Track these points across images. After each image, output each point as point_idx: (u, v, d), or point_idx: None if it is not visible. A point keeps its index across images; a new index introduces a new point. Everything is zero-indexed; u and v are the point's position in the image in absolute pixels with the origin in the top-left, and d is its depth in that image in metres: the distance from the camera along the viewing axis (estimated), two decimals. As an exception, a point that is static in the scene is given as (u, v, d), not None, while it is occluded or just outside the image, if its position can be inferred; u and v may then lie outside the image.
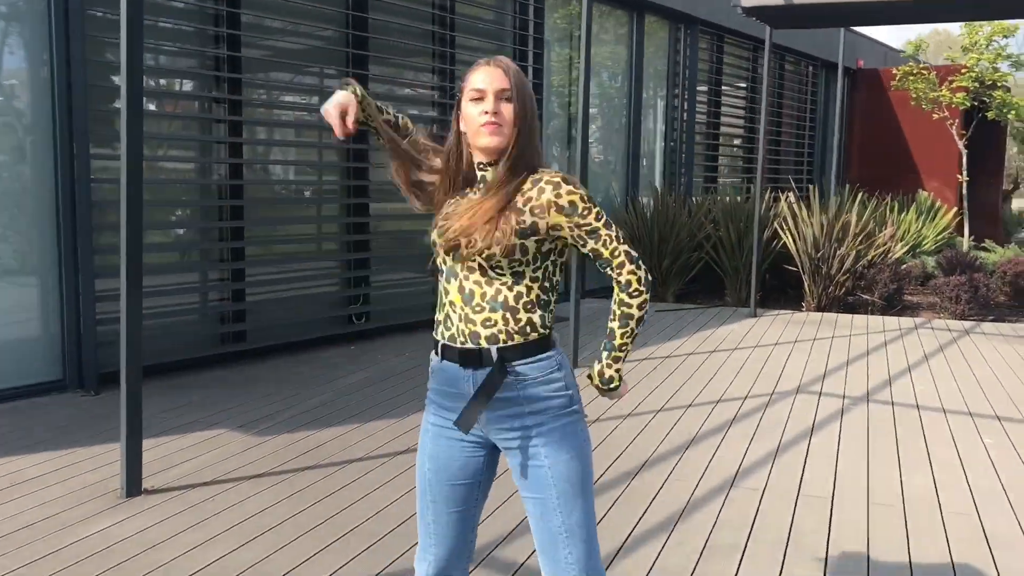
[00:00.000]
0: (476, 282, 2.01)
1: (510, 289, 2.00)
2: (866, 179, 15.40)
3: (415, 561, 2.24)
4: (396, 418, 5.19)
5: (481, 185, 2.07)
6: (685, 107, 11.82)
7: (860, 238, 9.66)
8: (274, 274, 6.93)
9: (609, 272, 2.05)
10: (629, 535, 3.59)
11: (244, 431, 4.90)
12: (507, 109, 2.00)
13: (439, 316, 2.09)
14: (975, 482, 4.27)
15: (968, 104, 12.04)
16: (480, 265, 1.99)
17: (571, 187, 2.00)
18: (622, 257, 2.03)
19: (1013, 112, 11.47)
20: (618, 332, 2.06)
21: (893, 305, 9.73)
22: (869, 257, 9.74)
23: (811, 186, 11.02)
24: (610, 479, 4.23)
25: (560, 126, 10.05)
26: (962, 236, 13.07)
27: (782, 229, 10.07)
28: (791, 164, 15.29)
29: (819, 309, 9.67)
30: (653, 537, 3.57)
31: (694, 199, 11.18)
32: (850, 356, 7.22)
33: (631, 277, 2.04)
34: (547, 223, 2.00)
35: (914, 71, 12.22)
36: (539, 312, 2.03)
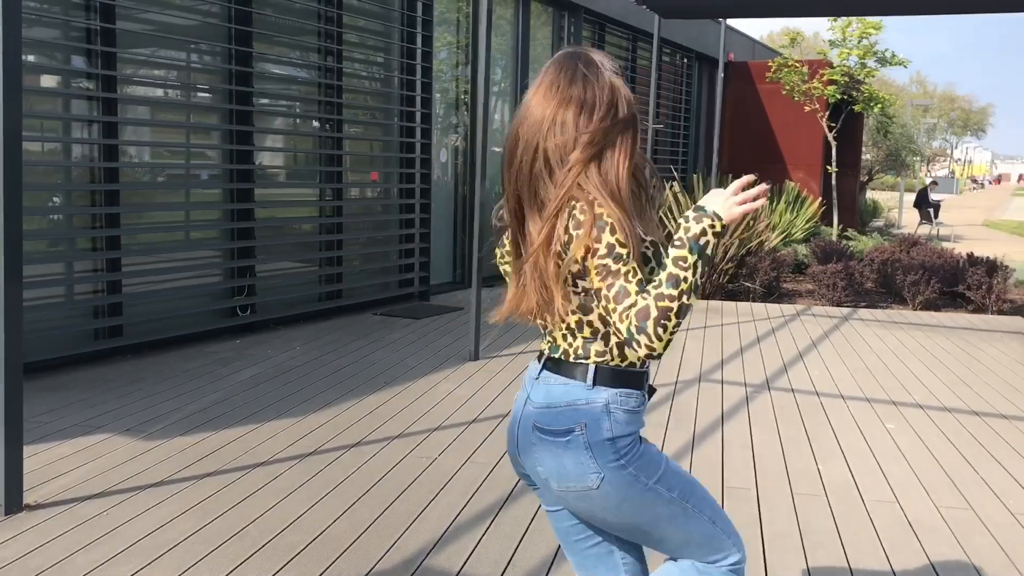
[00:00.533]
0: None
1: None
2: (736, 169, 15.83)
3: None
4: (296, 417, 4.90)
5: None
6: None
7: (742, 227, 9.88)
8: (153, 264, 6.45)
9: None
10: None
11: (132, 435, 4.50)
12: None
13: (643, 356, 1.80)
14: (888, 469, 4.35)
15: (837, 97, 12.51)
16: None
17: None
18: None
19: (879, 106, 11.99)
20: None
21: (772, 292, 10.00)
22: (749, 246, 9.98)
23: (696, 176, 11.20)
24: (534, 476, 4.10)
25: (446, 113, 9.83)
26: (828, 225, 13.60)
27: (668, 218, 10.20)
28: (667, 155, 15.56)
29: (704, 297, 9.84)
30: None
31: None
32: (743, 343, 7.35)
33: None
34: None
35: (788, 63, 12.60)
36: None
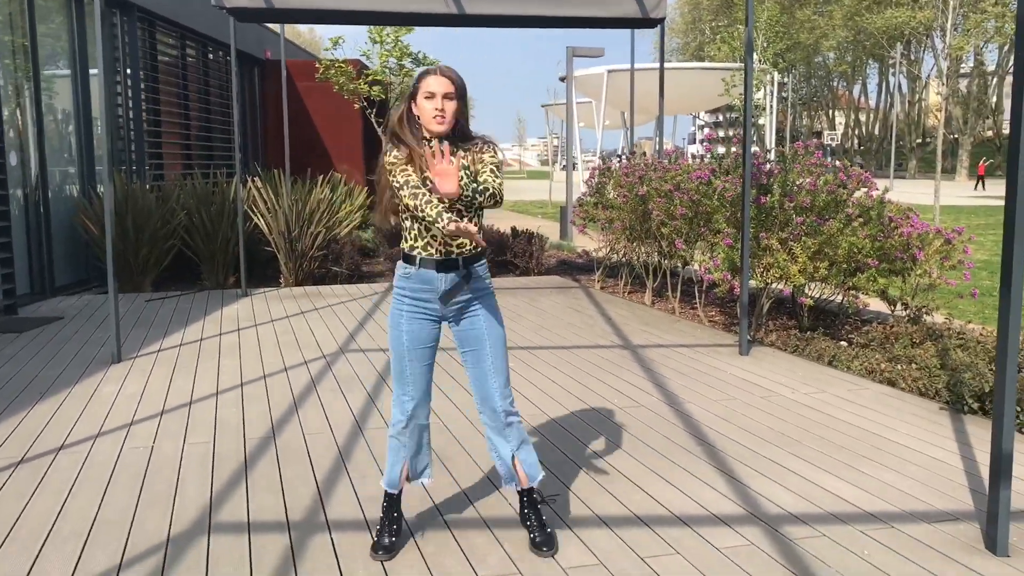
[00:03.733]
0: (457, 213, 3.14)
1: (471, 221, 3.13)
2: (281, 163, 16.51)
3: (393, 407, 3.29)
4: (-31, 436, 4.72)
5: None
6: (129, 95, 11.56)
7: (326, 217, 10.69)
8: None
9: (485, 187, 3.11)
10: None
11: None
12: (450, 105, 3.11)
13: (418, 242, 3.17)
14: (523, 398, 5.54)
15: (381, 96, 13.83)
16: (460, 209, 3.14)
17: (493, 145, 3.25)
18: (500, 179, 3.18)
19: (420, 104, 13.55)
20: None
21: (353, 274, 10.98)
22: (334, 233, 10.84)
23: (277, 171, 11.71)
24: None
25: (10, 109, 9.20)
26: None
27: (253, 212, 10.64)
28: (222, 152, 15.71)
29: (297, 284, 10.49)
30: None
31: (148, 187, 11.07)
32: (360, 318, 8.20)
33: (497, 187, 3.13)
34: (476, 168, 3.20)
35: (336, 64, 13.60)
36: (481, 232, 3.22)
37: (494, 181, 3.12)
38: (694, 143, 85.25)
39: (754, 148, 8.14)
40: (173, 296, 9.65)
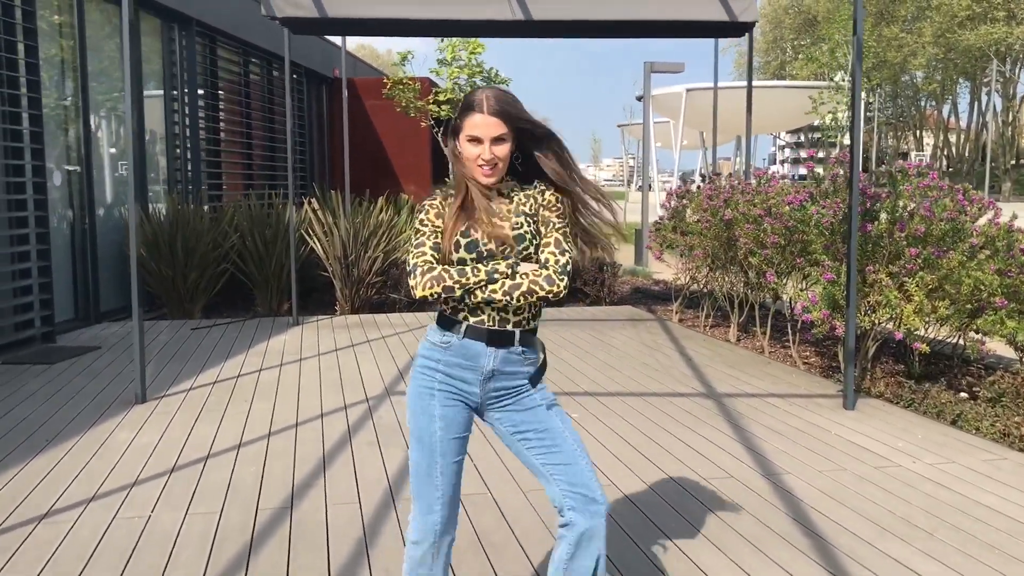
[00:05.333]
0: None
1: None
2: (353, 184, 16.04)
3: (412, 523, 2.54)
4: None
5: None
6: (187, 112, 11.15)
7: (385, 241, 10.05)
8: None
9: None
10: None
11: None
12: (501, 150, 2.46)
13: (461, 306, 2.49)
14: (597, 458, 4.73)
15: (451, 116, 13.22)
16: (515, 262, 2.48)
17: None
18: (566, 257, 2.51)
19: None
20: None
21: (415, 301, 10.31)
22: (393, 258, 10.19)
23: (334, 192, 11.16)
24: (275, 508, 3.86)
25: (56, 126, 8.80)
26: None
27: (309, 235, 10.06)
28: (286, 171, 15.30)
29: (353, 311, 9.87)
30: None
31: (206, 208, 10.61)
32: (413, 352, 7.50)
33: (557, 277, 2.49)
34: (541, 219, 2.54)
35: (403, 81, 13.04)
36: (541, 304, 2.55)
37: (556, 265, 2.46)
38: (774, 164, 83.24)
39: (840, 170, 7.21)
40: (221, 324, 9.11)
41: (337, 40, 16.75)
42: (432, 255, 2.45)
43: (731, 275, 8.42)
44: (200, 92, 11.53)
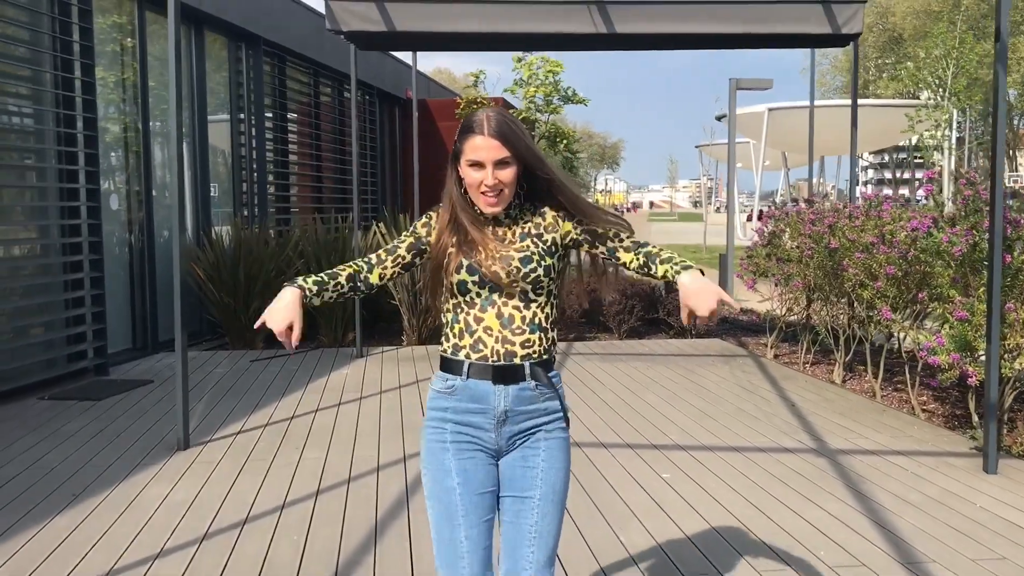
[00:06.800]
0: (515, 307, 2.23)
1: (542, 310, 2.26)
2: (422, 205, 15.59)
3: None
4: None
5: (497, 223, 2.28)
6: (253, 133, 10.79)
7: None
8: None
9: (629, 254, 2.28)
10: None
11: None
12: (505, 174, 2.19)
13: (462, 342, 2.24)
14: (688, 529, 4.01)
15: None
16: (523, 291, 2.23)
17: None
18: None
19: (565, 141, 12.27)
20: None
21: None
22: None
23: (403, 215, 10.67)
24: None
25: (117, 149, 8.47)
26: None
27: (375, 261, 9.55)
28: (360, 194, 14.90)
29: (420, 342, 9.30)
30: None
31: (271, 232, 10.19)
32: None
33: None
34: (559, 233, 2.29)
35: (478, 100, 12.54)
36: (555, 331, 2.32)
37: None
38: (858, 184, 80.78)
39: (921, 191, 6.34)
40: (283, 355, 8.62)
41: (408, 60, 16.42)
42: (381, 259, 2.31)
43: (834, 307, 7.59)
44: (267, 113, 11.17)
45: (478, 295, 2.23)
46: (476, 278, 2.21)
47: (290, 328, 2.17)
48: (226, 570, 3.56)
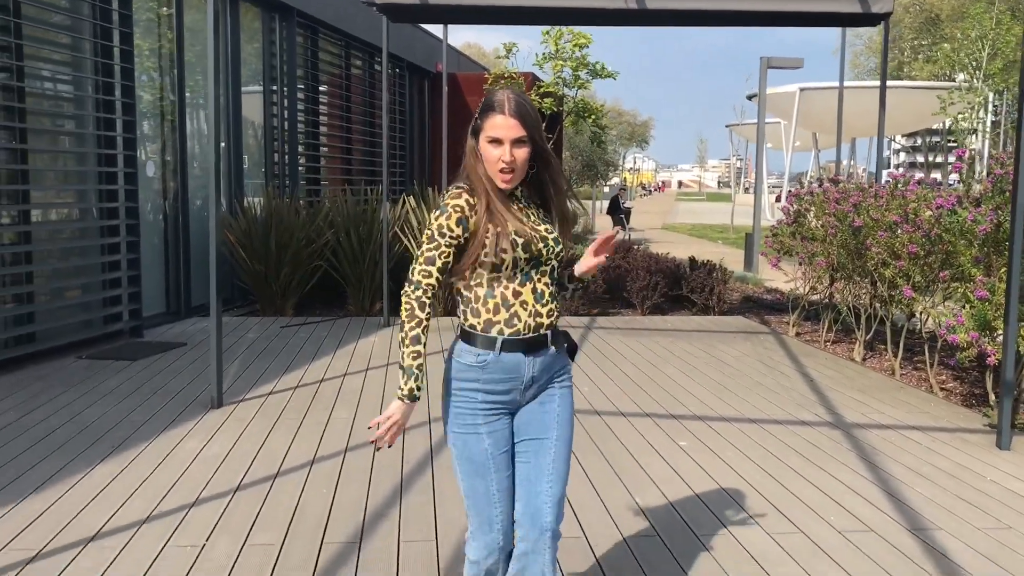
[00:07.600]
0: (545, 282, 2.41)
1: (554, 283, 2.46)
2: (451, 180, 15.68)
3: (470, 544, 2.43)
4: (6, 504, 3.81)
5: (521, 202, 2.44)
6: (286, 104, 10.94)
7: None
8: None
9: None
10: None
11: None
12: (520, 153, 2.33)
13: (496, 317, 2.35)
14: (706, 495, 4.14)
15: (553, 110, 12.70)
16: (553, 266, 2.43)
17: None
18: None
19: (592, 117, 12.31)
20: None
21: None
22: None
23: (432, 188, 10.79)
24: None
25: (153, 118, 8.65)
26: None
27: (405, 233, 9.70)
28: (389, 166, 15.03)
29: (446, 313, 9.45)
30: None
31: (302, 202, 10.35)
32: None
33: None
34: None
35: (505, 75, 12.60)
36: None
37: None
38: (888, 167, 79.91)
39: (953, 175, 6.38)
40: (312, 322, 8.81)
41: (439, 33, 16.47)
42: (437, 278, 2.33)
43: (856, 286, 7.65)
44: (300, 85, 11.31)
45: (521, 271, 2.35)
46: (527, 255, 2.33)
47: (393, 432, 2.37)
48: (259, 518, 3.74)
